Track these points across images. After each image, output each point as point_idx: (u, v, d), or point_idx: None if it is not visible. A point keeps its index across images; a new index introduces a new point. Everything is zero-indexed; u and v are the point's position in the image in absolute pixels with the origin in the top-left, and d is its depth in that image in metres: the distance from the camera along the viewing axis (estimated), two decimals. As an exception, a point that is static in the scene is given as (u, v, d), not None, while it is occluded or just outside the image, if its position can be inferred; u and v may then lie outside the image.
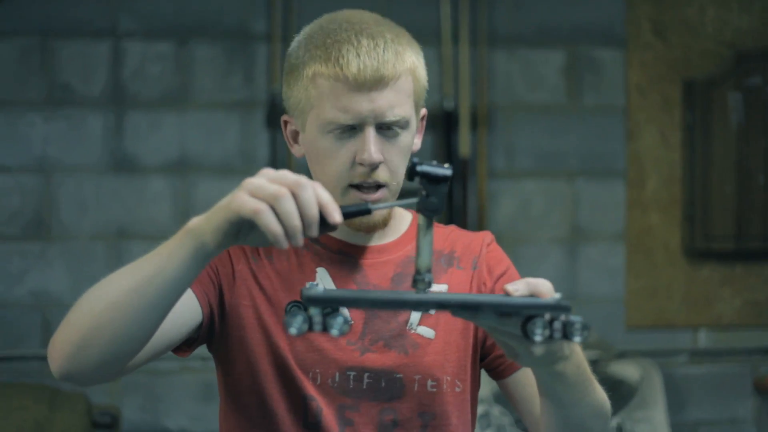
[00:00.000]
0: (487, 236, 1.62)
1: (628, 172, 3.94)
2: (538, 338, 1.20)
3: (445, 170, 1.24)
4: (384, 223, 1.54)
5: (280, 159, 3.71)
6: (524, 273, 1.58)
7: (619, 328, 3.93)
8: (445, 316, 1.52)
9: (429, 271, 1.25)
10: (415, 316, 1.52)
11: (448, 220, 3.78)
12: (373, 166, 1.47)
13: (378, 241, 1.56)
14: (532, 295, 1.25)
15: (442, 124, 3.82)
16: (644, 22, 3.94)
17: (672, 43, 3.95)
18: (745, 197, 3.92)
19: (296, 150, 1.56)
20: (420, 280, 1.25)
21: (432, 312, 1.23)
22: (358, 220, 1.50)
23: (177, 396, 3.76)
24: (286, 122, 1.57)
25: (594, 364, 3.42)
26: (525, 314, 1.21)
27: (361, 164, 1.47)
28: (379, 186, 1.48)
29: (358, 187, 1.48)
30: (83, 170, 3.74)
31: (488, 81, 3.88)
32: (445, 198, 1.25)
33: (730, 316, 3.99)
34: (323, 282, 1.51)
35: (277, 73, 3.74)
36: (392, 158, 1.49)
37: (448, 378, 1.52)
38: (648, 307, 3.95)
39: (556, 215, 3.92)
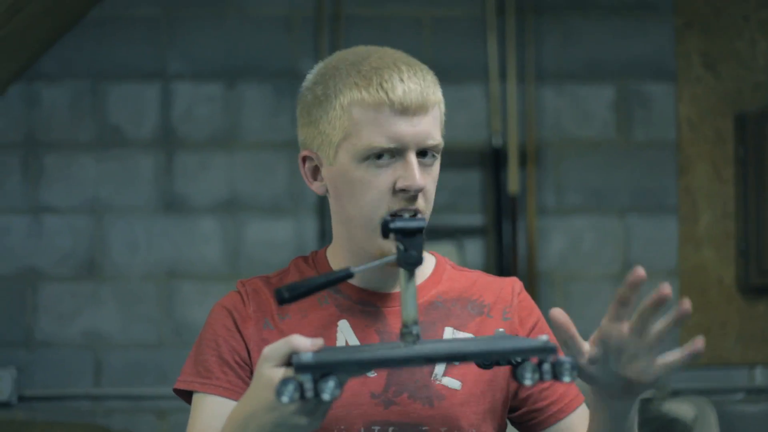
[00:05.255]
0: (516, 284, 1.59)
1: (680, 208, 3.90)
2: (528, 382, 1.24)
3: (419, 221, 1.30)
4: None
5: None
6: (576, 311, 1.56)
7: (674, 365, 3.87)
8: (471, 366, 1.48)
9: (416, 323, 1.27)
10: (439, 366, 1.49)
11: (498, 259, 3.75)
12: (417, 192, 1.44)
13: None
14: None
15: (490, 161, 3.81)
16: (694, 56, 3.91)
17: (723, 76, 3.91)
18: (800, 231, 3.86)
19: (316, 187, 1.53)
20: (407, 333, 1.27)
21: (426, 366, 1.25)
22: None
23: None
24: (304, 158, 1.54)
25: (648, 402, 3.38)
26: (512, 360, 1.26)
27: (403, 191, 1.43)
28: (417, 212, 1.45)
29: (396, 214, 1.44)
30: (134, 211, 3.77)
31: (536, 117, 3.86)
32: (422, 248, 1.29)
33: (787, 353, 3.92)
34: (345, 334, 1.48)
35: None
36: (428, 186, 1.46)
37: (474, 430, 1.48)
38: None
39: (607, 252, 3.88)
